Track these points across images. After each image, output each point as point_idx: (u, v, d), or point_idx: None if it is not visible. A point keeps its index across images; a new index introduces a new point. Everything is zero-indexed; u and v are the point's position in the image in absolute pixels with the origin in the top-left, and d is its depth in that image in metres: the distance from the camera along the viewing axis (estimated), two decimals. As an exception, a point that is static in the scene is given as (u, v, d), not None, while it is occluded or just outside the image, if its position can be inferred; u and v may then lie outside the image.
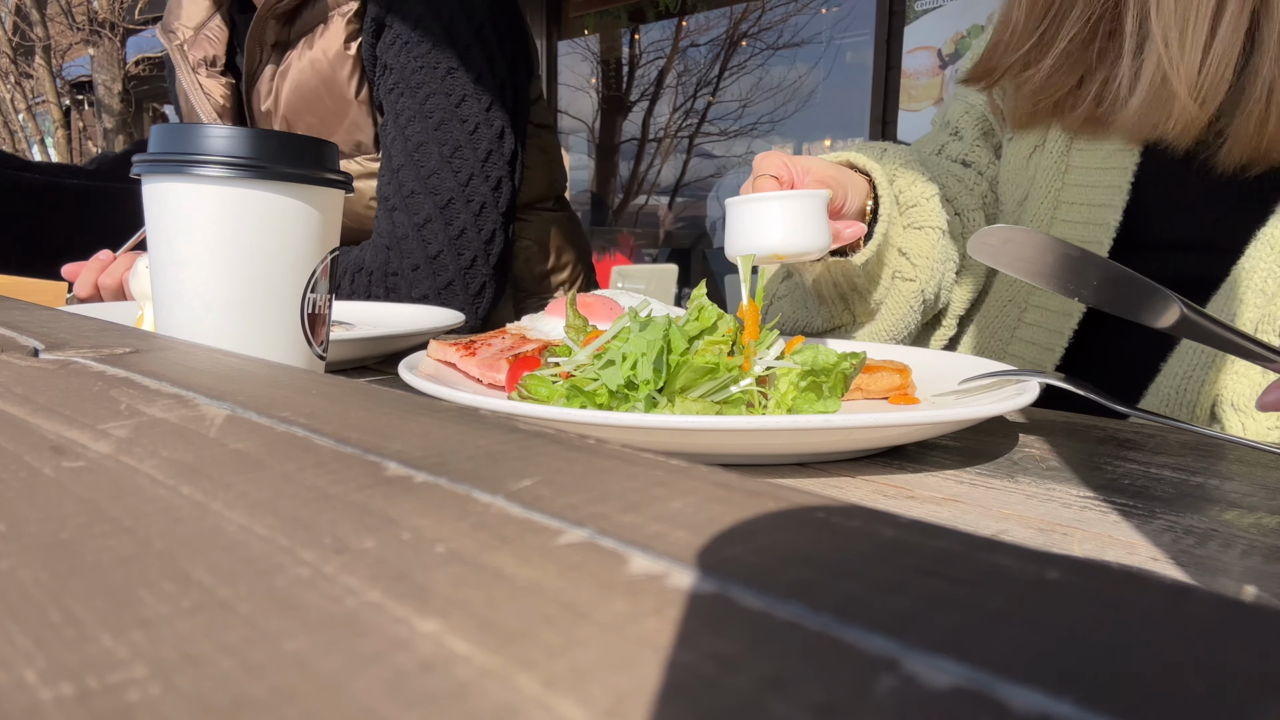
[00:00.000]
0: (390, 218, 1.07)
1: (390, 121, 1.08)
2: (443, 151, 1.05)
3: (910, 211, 0.75)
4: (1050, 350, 0.76)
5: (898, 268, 0.77)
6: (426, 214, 1.05)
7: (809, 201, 0.62)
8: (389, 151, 1.08)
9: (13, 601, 0.12)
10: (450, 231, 1.06)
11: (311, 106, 1.13)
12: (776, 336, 0.50)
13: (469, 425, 0.21)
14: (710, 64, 4.97)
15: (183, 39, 1.22)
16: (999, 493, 0.39)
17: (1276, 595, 0.28)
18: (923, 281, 0.77)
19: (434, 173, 1.05)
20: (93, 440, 0.19)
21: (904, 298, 0.78)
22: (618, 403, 0.44)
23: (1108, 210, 0.72)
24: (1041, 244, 0.50)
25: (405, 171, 1.06)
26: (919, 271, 0.77)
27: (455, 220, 1.06)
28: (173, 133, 0.45)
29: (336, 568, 0.12)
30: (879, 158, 0.77)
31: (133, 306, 0.84)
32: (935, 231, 0.76)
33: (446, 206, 1.05)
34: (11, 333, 0.35)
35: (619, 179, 5.43)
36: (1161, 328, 0.46)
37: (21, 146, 6.49)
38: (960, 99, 0.90)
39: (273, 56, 1.17)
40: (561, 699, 0.09)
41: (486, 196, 1.07)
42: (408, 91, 1.06)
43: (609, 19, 5.25)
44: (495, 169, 1.08)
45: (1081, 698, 0.09)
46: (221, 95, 1.22)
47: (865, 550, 0.13)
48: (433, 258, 1.06)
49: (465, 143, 1.06)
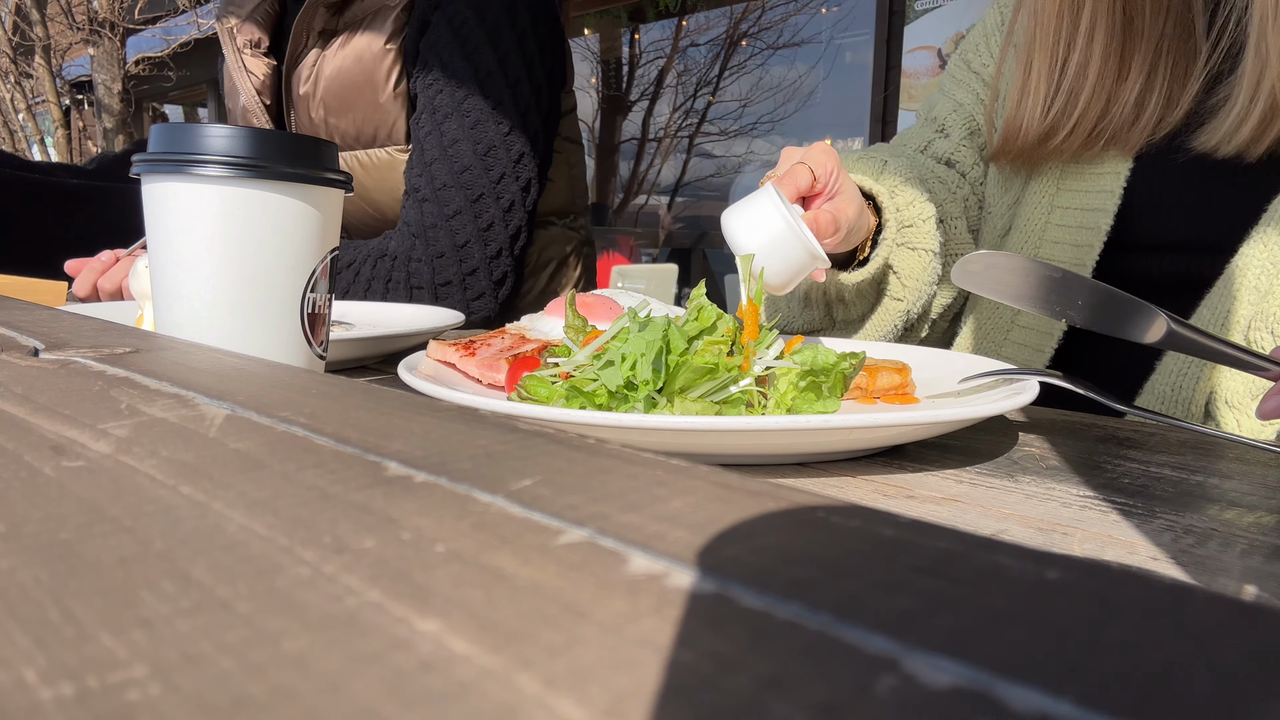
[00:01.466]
0: (420, 208, 1.09)
1: (426, 116, 1.09)
2: (477, 149, 1.08)
3: (906, 231, 0.76)
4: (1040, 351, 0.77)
5: (889, 286, 0.78)
6: (457, 206, 1.08)
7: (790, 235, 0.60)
8: (422, 145, 1.10)
9: (13, 601, 0.12)
10: (480, 224, 1.08)
11: (349, 94, 1.16)
12: (776, 336, 0.50)
13: (469, 425, 0.21)
14: (710, 64, 4.97)
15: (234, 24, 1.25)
16: (999, 492, 0.39)
17: (1276, 595, 0.28)
18: (909, 302, 0.78)
19: (467, 168, 1.08)
20: (93, 440, 0.19)
21: (889, 315, 0.79)
22: (617, 403, 0.44)
23: (1100, 214, 0.73)
24: (1024, 268, 0.51)
25: (438, 165, 1.08)
26: (907, 292, 0.77)
27: (484, 214, 1.08)
28: (172, 132, 0.45)
29: (336, 567, 0.12)
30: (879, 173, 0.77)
31: (132, 306, 0.84)
32: (928, 254, 0.76)
33: (477, 201, 1.08)
34: (11, 333, 0.35)
35: (619, 179, 5.43)
36: (1149, 343, 0.47)
37: (21, 146, 6.49)
38: (949, 95, 0.90)
39: (317, 43, 1.20)
40: (561, 699, 0.09)
41: (516, 195, 1.10)
42: (446, 90, 1.08)
43: (609, 18, 5.25)
44: (526, 170, 1.11)
45: (1081, 698, 0.09)
46: (263, 74, 1.26)
47: (865, 550, 0.13)
48: (460, 246, 1.08)
49: (500, 143, 1.08)
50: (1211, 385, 0.65)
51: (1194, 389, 0.65)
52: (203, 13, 5.99)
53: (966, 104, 0.88)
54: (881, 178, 0.76)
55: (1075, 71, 0.72)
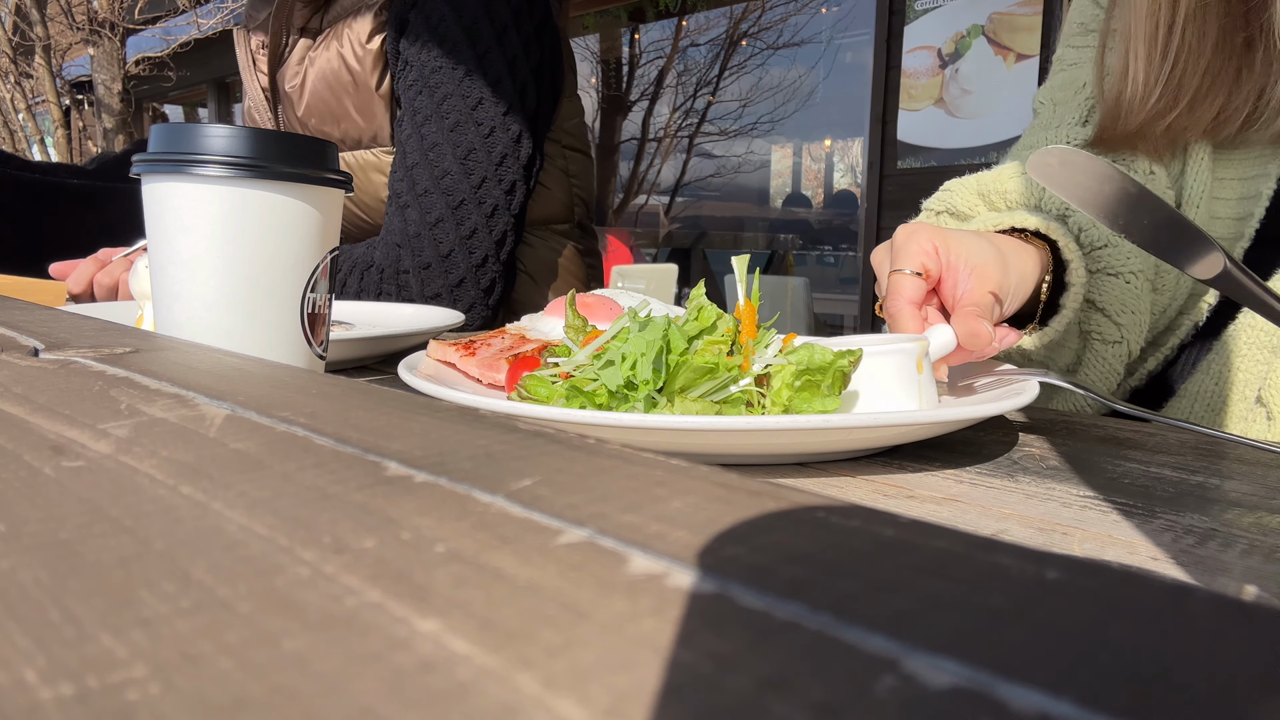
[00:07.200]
0: (402, 214, 1.07)
1: (407, 119, 1.08)
2: (457, 153, 1.06)
3: (1100, 254, 0.60)
4: None
5: (1094, 328, 0.62)
6: (439, 213, 1.06)
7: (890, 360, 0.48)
8: (404, 148, 1.08)
9: (13, 601, 0.12)
10: (462, 231, 1.06)
11: (335, 94, 1.15)
12: (774, 335, 0.50)
13: (469, 425, 0.21)
14: (710, 64, 4.97)
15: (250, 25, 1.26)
16: (999, 492, 0.39)
17: (1276, 595, 0.29)
18: (1131, 342, 0.61)
19: (447, 173, 1.06)
20: (93, 440, 0.19)
21: (1105, 362, 0.63)
22: (617, 403, 0.44)
23: (1253, 202, 0.64)
24: (1101, 173, 0.45)
25: (419, 170, 1.07)
26: (1125, 331, 0.61)
27: (467, 220, 1.07)
28: (172, 132, 0.45)
29: (336, 567, 0.12)
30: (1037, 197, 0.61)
31: (132, 306, 0.84)
32: (1136, 277, 0.60)
33: (459, 207, 1.06)
34: (11, 333, 0.35)
35: (619, 179, 5.43)
36: (1202, 279, 0.43)
37: (21, 146, 6.49)
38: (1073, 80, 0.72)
39: (302, 39, 1.19)
40: (561, 699, 0.09)
41: (499, 199, 1.08)
42: (425, 90, 1.07)
43: (609, 18, 5.25)
44: (509, 172, 1.08)
45: (1081, 698, 0.09)
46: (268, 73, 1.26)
47: (865, 550, 0.13)
48: (444, 256, 1.06)
49: (480, 145, 1.06)
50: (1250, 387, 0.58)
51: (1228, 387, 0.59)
52: (203, 13, 5.99)
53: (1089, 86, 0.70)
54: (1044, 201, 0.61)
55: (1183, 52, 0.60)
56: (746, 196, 5.03)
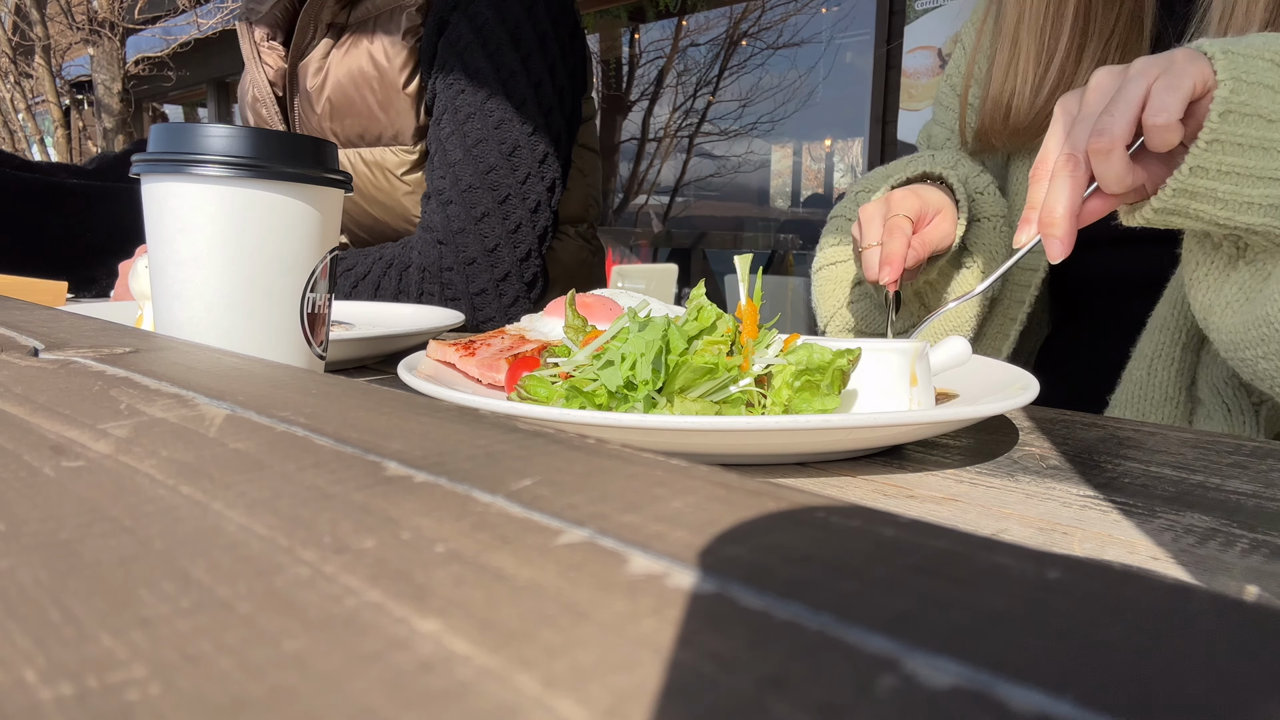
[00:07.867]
0: (444, 211, 1.08)
1: (448, 117, 1.09)
2: (502, 149, 1.08)
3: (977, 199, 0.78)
4: None
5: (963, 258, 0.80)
6: (485, 208, 1.07)
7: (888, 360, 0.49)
8: (444, 146, 1.09)
9: (13, 601, 0.12)
10: (507, 225, 1.08)
11: (360, 92, 1.16)
12: (774, 335, 0.50)
13: (469, 425, 0.21)
14: (710, 64, 4.97)
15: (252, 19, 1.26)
16: (999, 492, 0.39)
17: (1277, 595, 0.29)
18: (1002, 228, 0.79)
19: (493, 168, 1.07)
20: (93, 440, 0.19)
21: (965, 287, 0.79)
22: (617, 403, 0.44)
23: None
24: None
25: (463, 167, 1.08)
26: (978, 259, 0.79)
27: (512, 215, 1.08)
28: (172, 132, 0.45)
29: (336, 567, 0.12)
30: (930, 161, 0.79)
31: (132, 306, 0.84)
32: (998, 220, 0.79)
33: (504, 202, 1.08)
34: (11, 333, 0.35)
35: (619, 178, 5.43)
36: None
37: (21, 146, 6.48)
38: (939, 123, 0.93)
39: (328, 35, 1.19)
40: (561, 699, 0.09)
41: (541, 195, 1.10)
42: (468, 90, 1.08)
43: (609, 18, 5.24)
44: (550, 170, 1.11)
45: (1081, 698, 0.09)
46: (277, 66, 1.26)
47: (865, 550, 0.13)
48: (490, 250, 1.08)
49: (524, 143, 1.09)
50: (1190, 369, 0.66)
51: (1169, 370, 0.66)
52: (203, 12, 5.99)
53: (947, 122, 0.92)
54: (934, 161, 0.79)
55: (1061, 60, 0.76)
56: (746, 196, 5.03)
